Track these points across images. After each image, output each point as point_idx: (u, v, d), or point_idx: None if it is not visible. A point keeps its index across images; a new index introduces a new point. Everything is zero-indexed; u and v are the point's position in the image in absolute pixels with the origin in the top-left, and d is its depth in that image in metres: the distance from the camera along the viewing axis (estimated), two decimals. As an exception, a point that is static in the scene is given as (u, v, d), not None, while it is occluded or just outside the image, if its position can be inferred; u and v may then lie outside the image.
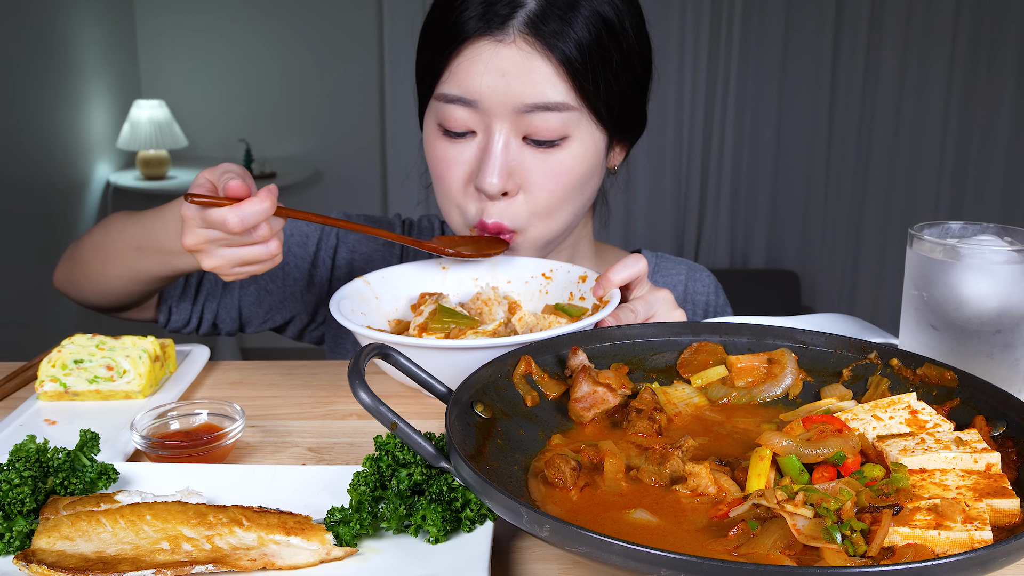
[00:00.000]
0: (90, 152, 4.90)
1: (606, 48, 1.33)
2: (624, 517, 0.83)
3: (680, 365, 1.13)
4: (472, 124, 1.35)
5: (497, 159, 1.33)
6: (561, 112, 1.32)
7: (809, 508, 0.77)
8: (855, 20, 4.98)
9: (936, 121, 5.09)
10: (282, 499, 0.95)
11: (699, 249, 5.37)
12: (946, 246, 1.15)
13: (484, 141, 1.35)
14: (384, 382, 1.34)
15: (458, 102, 1.33)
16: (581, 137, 1.36)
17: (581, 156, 1.37)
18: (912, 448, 0.89)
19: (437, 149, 1.39)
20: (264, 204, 1.14)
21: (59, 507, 0.89)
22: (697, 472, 0.87)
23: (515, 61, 1.30)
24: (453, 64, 1.33)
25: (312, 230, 1.67)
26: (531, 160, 1.35)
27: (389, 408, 0.87)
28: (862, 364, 1.09)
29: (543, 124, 1.32)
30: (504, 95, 1.30)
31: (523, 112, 1.31)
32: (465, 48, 1.32)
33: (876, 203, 5.25)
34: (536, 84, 1.30)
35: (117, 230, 1.49)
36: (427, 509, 0.86)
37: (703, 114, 5.16)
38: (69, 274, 1.59)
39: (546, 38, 1.30)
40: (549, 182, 1.36)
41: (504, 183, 1.33)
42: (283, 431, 1.20)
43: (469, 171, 1.37)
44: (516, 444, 0.96)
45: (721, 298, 1.72)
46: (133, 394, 1.26)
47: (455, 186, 1.39)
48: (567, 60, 1.30)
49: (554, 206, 1.39)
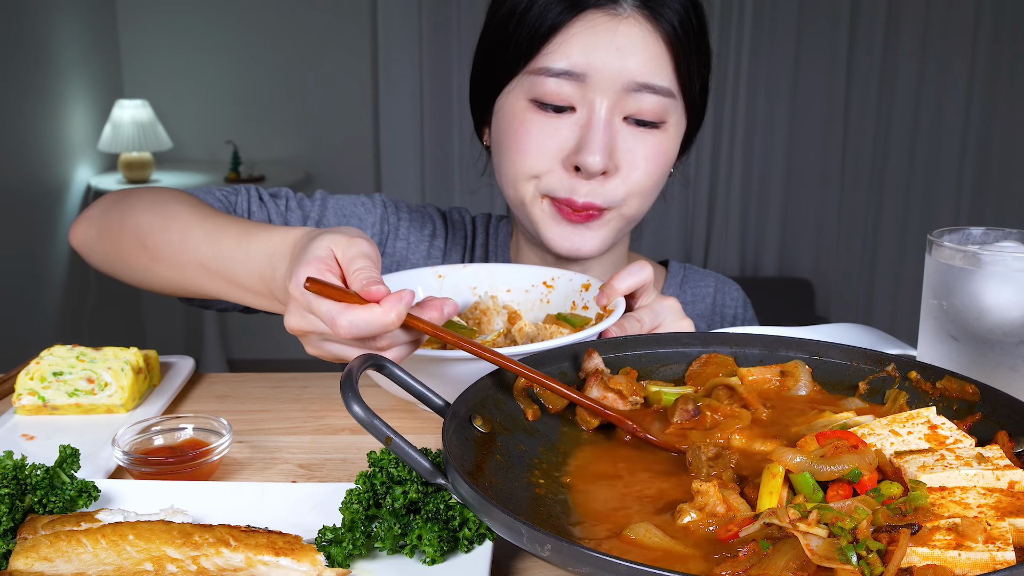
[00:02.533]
0: (70, 154, 4.90)
1: (699, 34, 1.42)
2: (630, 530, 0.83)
3: (688, 377, 1.13)
4: (574, 99, 1.37)
5: (602, 136, 1.36)
6: (664, 96, 1.38)
7: (823, 527, 0.77)
8: (871, 19, 4.99)
9: (956, 122, 5.10)
10: (271, 518, 0.95)
11: (708, 256, 5.37)
12: (967, 253, 1.15)
13: (586, 117, 1.38)
14: (378, 395, 1.34)
15: (564, 75, 1.36)
16: (676, 122, 1.43)
17: (674, 140, 1.44)
18: (931, 465, 0.89)
19: (528, 123, 1.40)
20: (387, 318, 0.97)
21: (37, 526, 0.89)
22: (705, 490, 0.87)
23: (630, 36, 1.35)
24: (560, 36, 1.36)
25: (362, 212, 1.63)
26: (631, 140, 1.39)
27: (384, 422, 0.87)
28: (879, 377, 1.09)
29: (649, 105, 1.37)
30: (617, 71, 1.35)
31: (631, 91, 1.36)
32: (577, 21, 1.35)
33: (893, 208, 5.26)
34: (648, 63, 1.36)
35: (179, 232, 1.29)
36: (423, 528, 0.87)
37: (712, 115, 5.16)
38: (98, 241, 1.43)
39: (657, 17, 1.36)
40: (648, 163, 1.41)
41: (606, 161, 1.36)
42: (272, 447, 1.20)
43: (565, 147, 1.39)
44: (516, 460, 0.96)
45: (749, 313, 1.74)
46: (115, 408, 1.26)
47: (544, 160, 1.40)
48: (675, 37, 1.37)
49: (650, 186, 1.44)
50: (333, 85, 5.44)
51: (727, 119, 5.15)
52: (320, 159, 5.52)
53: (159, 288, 1.38)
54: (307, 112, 5.48)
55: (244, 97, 5.46)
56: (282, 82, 5.44)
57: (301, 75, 5.43)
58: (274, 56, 5.41)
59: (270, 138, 5.50)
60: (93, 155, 5.13)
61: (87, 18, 5.09)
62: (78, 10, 4.97)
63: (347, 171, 5.52)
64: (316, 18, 5.35)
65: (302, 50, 5.39)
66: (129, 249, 1.35)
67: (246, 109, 5.47)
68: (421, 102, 5.27)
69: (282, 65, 5.42)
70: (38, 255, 4.61)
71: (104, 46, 5.28)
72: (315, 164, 5.52)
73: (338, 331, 0.97)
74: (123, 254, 1.37)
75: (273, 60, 5.41)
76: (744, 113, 5.13)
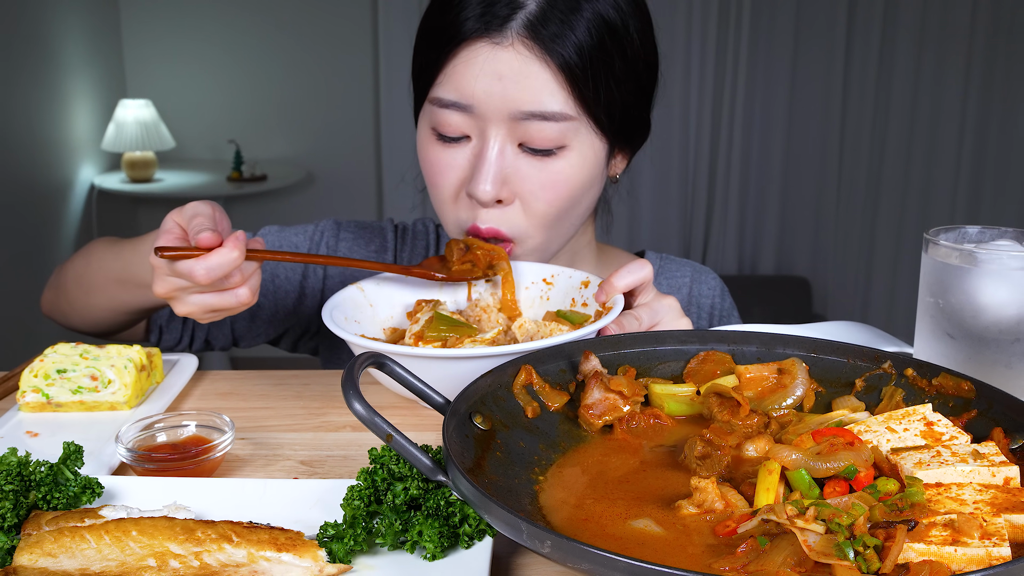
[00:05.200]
0: (74, 154, 4.90)
1: (608, 53, 1.33)
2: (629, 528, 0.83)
3: (687, 375, 1.13)
4: (467, 129, 1.34)
5: (491, 166, 1.32)
6: (558, 122, 1.31)
7: (820, 523, 0.78)
8: (868, 15, 4.99)
9: (953, 120, 5.10)
10: (273, 514, 0.95)
11: (706, 254, 5.37)
12: (963, 251, 1.15)
13: (479, 147, 1.35)
14: (379, 393, 1.34)
15: (452, 107, 1.33)
16: (580, 146, 1.35)
17: (580, 166, 1.36)
18: (927, 461, 0.89)
19: (430, 153, 1.39)
20: (232, 255, 1.14)
21: (41, 522, 0.89)
22: (703, 487, 0.87)
23: (512, 66, 1.29)
24: (448, 66, 1.33)
25: (301, 240, 1.67)
26: (527, 168, 1.35)
27: (384, 419, 0.87)
28: (875, 374, 1.09)
29: (539, 133, 1.32)
30: (500, 100, 1.30)
31: (519, 119, 1.31)
32: (462, 50, 1.32)
33: (890, 206, 5.26)
34: (533, 91, 1.30)
35: (97, 261, 1.51)
36: (424, 524, 0.87)
37: (710, 113, 5.17)
38: (55, 301, 1.62)
39: (545, 42, 1.29)
40: (546, 192, 1.35)
41: (498, 190, 1.33)
42: (274, 443, 1.20)
43: (463, 176, 1.37)
44: (516, 457, 0.96)
45: (728, 301, 1.72)
46: (118, 405, 1.26)
47: (448, 191, 1.39)
48: (567, 66, 1.30)
49: (553, 216, 1.38)
50: (335, 84, 5.43)
51: (725, 118, 5.15)
52: (322, 158, 5.51)
53: (104, 321, 1.57)
54: (309, 111, 5.48)
55: (247, 96, 5.46)
56: (285, 81, 5.43)
57: (304, 75, 5.43)
58: (277, 55, 5.40)
59: (272, 137, 5.50)
60: (97, 154, 5.13)
61: (90, 17, 5.08)
62: (81, 9, 4.97)
63: (349, 170, 5.52)
64: (318, 17, 5.35)
65: (305, 49, 5.39)
66: (73, 294, 1.55)
67: (249, 108, 5.47)
68: (421, 102, 5.26)
69: (285, 64, 5.41)
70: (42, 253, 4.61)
71: (107, 45, 5.28)
72: (317, 163, 5.51)
73: (198, 279, 1.13)
74: (70, 299, 1.57)
75: (276, 59, 5.41)
76: (742, 112, 5.12)
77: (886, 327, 1.44)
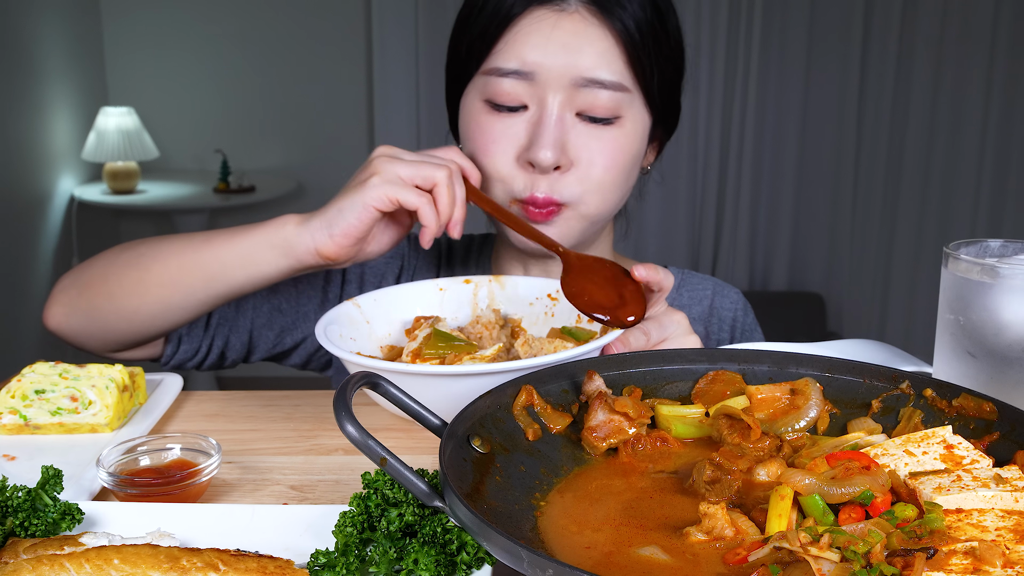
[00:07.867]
0: (52, 164, 4.91)
1: (658, 30, 1.44)
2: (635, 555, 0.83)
3: (695, 395, 1.13)
4: (525, 98, 1.43)
5: (552, 131, 1.41)
6: (616, 91, 1.42)
7: (835, 551, 0.78)
8: (885, 20, 5.00)
9: (973, 130, 5.10)
10: (261, 541, 0.95)
11: (715, 268, 5.37)
12: (984, 266, 1.16)
13: (537, 115, 1.43)
14: (373, 414, 1.34)
15: (513, 75, 1.42)
16: (632, 118, 1.45)
17: (632, 136, 1.46)
18: (947, 486, 0.89)
19: (484, 124, 1.46)
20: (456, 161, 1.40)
21: (19, 550, 0.89)
22: (712, 513, 0.87)
23: (576, 32, 1.39)
24: (508, 35, 1.42)
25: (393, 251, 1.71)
26: (585, 135, 1.43)
27: (378, 442, 0.87)
28: (893, 395, 1.09)
29: (597, 101, 1.41)
30: (563, 67, 1.40)
31: (580, 86, 1.40)
32: (523, 18, 1.41)
33: (908, 219, 5.26)
34: (595, 57, 1.40)
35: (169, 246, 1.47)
36: (419, 552, 0.87)
37: (720, 121, 5.18)
38: (75, 314, 1.53)
39: (607, 10, 1.40)
40: (604, 157, 1.44)
41: (558, 156, 1.41)
42: (263, 467, 1.20)
43: (519, 145, 1.44)
44: (516, 481, 0.96)
45: (750, 317, 1.74)
46: (100, 427, 1.26)
47: (503, 160, 1.45)
48: (626, 34, 1.40)
49: (608, 182, 1.46)
50: (326, 92, 5.45)
51: (735, 128, 5.16)
52: (312, 168, 5.52)
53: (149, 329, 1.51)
54: (299, 120, 5.49)
55: (234, 104, 5.47)
56: (273, 89, 5.45)
57: (293, 82, 5.44)
58: (265, 61, 5.42)
59: (261, 147, 5.51)
60: (77, 164, 5.14)
61: (70, 21, 5.10)
62: (61, 13, 4.99)
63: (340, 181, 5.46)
64: (309, 22, 5.37)
65: (295, 56, 5.41)
66: (118, 277, 1.48)
67: (236, 117, 5.48)
68: (417, 110, 5.28)
69: (274, 71, 5.43)
70: (19, 268, 4.61)
71: (88, 51, 5.30)
72: (307, 174, 5.52)
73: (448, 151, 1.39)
74: (110, 287, 1.48)
75: (264, 65, 5.42)
76: (753, 122, 5.13)
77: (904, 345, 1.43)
